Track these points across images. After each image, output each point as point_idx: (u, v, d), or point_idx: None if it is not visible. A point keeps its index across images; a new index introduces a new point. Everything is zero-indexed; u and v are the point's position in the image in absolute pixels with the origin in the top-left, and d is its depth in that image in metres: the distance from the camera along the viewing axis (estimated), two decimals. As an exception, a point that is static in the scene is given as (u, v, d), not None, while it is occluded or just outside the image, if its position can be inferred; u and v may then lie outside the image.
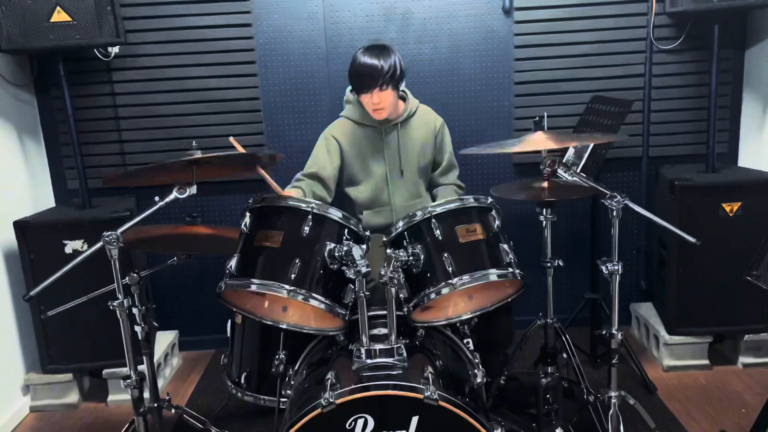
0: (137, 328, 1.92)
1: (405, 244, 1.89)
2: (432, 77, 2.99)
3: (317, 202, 1.86)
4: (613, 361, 1.92)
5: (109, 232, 1.67)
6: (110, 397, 2.77)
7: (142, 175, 2.11)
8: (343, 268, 1.76)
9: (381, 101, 2.32)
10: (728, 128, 3.06)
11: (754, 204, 2.60)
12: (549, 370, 2.25)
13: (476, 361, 1.85)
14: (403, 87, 2.49)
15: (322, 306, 1.80)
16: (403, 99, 2.51)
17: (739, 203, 2.60)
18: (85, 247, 2.59)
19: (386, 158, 2.47)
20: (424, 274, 1.84)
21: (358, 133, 2.47)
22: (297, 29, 2.95)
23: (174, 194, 1.77)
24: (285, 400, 1.82)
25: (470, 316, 1.95)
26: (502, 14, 2.96)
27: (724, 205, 2.61)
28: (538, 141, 1.94)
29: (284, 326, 1.91)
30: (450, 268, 1.81)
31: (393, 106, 2.39)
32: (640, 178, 3.04)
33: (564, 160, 1.93)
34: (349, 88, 2.47)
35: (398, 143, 2.47)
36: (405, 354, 1.66)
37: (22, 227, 2.58)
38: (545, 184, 2.21)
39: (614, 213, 1.78)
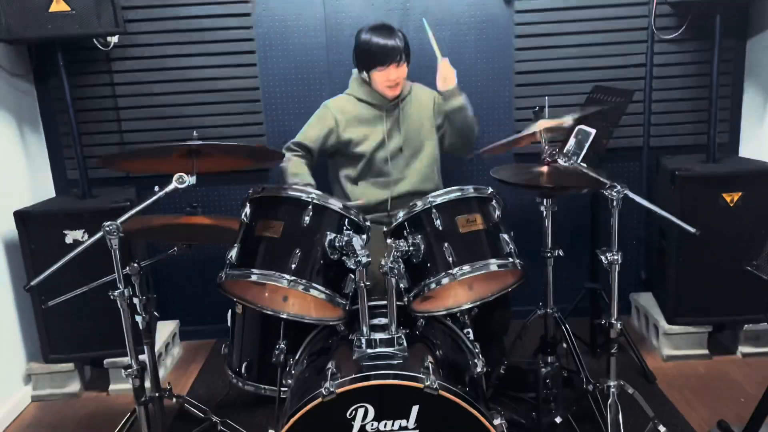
0: (138, 318, 1.92)
1: (405, 234, 1.89)
2: (432, 66, 2.97)
3: (318, 192, 1.86)
4: (613, 351, 1.92)
5: (109, 222, 1.66)
6: (111, 387, 2.78)
7: (140, 154, 2.10)
8: (344, 258, 1.76)
9: (399, 76, 2.46)
10: (729, 118, 3.04)
11: (754, 194, 2.60)
12: (549, 360, 2.25)
13: (476, 350, 1.86)
14: None
15: (323, 296, 1.81)
16: None
17: (740, 193, 2.60)
18: (86, 237, 2.59)
19: (387, 135, 2.52)
20: (424, 264, 1.85)
21: (360, 109, 2.54)
22: (297, 19, 2.94)
23: (174, 184, 1.77)
24: (286, 389, 1.83)
25: (470, 306, 1.96)
26: (502, 3, 2.94)
27: (724, 195, 2.60)
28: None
29: (285, 316, 1.92)
30: (450, 258, 1.82)
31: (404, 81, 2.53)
32: (640, 168, 3.04)
33: (565, 150, 1.93)
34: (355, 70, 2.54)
35: (399, 120, 2.55)
36: (405, 344, 1.67)
37: (22, 217, 2.58)
38: (545, 168, 2.20)
39: (614, 203, 1.78)
